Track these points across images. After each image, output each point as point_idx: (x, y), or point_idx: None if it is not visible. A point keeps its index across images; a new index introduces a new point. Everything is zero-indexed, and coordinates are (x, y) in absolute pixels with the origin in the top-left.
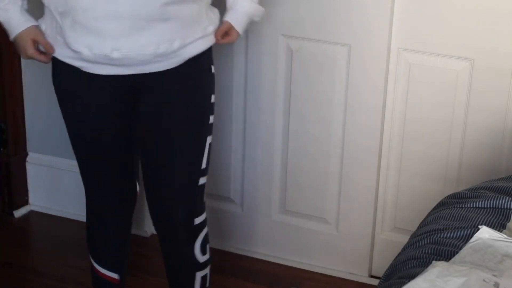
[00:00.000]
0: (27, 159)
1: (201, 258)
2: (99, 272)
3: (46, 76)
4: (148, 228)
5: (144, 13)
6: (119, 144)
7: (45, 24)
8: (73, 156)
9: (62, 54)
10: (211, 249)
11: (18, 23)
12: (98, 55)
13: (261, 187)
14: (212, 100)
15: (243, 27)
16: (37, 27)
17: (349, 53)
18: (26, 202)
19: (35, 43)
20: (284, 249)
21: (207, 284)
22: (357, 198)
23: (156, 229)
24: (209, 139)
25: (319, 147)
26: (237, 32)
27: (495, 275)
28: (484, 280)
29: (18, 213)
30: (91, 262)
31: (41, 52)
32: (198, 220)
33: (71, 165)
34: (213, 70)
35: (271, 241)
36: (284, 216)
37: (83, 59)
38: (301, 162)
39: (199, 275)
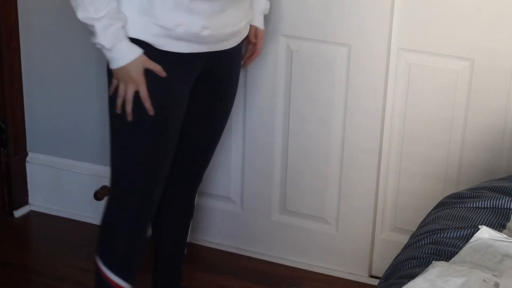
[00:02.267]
0: (27, 159)
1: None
2: (112, 281)
3: (46, 76)
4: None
5: None
6: (177, 123)
7: (128, 4)
8: (73, 156)
9: (149, 33)
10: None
11: (130, 52)
12: (188, 32)
13: (261, 187)
14: None
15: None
16: (145, 55)
17: (349, 53)
18: (26, 202)
19: (145, 71)
20: (284, 249)
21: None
22: (357, 198)
23: (177, 184)
24: None
25: (319, 147)
26: (263, 31)
27: (495, 275)
28: (484, 280)
29: (18, 213)
30: (100, 272)
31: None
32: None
33: (71, 165)
34: None
35: (271, 241)
36: (284, 216)
37: (169, 36)
38: (301, 162)
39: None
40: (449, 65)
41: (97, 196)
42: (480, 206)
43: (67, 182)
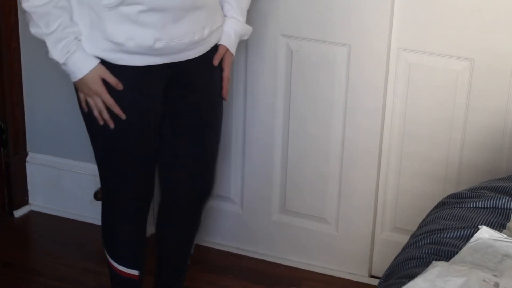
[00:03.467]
0: (27, 159)
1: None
2: (120, 271)
3: (46, 76)
4: (148, 228)
5: (187, 4)
6: (151, 132)
7: (79, 20)
8: (73, 156)
9: (100, 48)
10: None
11: (85, 64)
12: (140, 46)
13: (261, 187)
14: None
15: (235, 48)
16: (103, 66)
17: (349, 53)
18: (26, 202)
19: (103, 80)
20: (284, 249)
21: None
22: (357, 198)
23: (185, 200)
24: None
25: (319, 147)
26: (232, 54)
27: (495, 275)
28: (484, 280)
29: (18, 213)
30: (110, 265)
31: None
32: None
33: (71, 165)
34: None
35: (271, 241)
36: (284, 216)
37: (122, 51)
38: (301, 162)
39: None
40: (449, 65)
41: (97, 196)
42: (480, 206)
43: (67, 182)
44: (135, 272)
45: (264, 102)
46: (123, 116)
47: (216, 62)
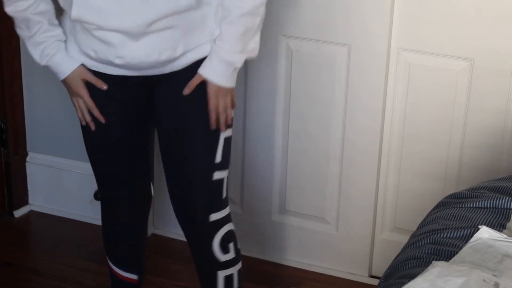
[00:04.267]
0: (27, 159)
1: (222, 257)
2: (118, 274)
3: (46, 76)
4: (149, 228)
5: (142, 26)
6: (131, 138)
7: (63, 22)
8: (73, 156)
9: (77, 52)
10: (238, 250)
11: (66, 65)
12: (103, 59)
13: (261, 187)
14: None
15: (225, 77)
16: (84, 67)
17: (349, 53)
18: (26, 202)
19: (84, 82)
20: (284, 249)
21: (235, 285)
22: (357, 198)
23: (180, 226)
24: (224, 134)
25: (319, 147)
26: (215, 86)
27: (495, 275)
28: (484, 280)
29: (18, 213)
30: (109, 265)
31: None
32: (215, 217)
33: (71, 165)
34: None
35: (271, 241)
36: (284, 216)
37: (93, 59)
38: (301, 162)
39: (221, 274)
40: (449, 65)
41: (97, 196)
42: (480, 206)
43: (67, 182)
44: (133, 276)
45: (264, 102)
46: (102, 120)
47: (186, 91)
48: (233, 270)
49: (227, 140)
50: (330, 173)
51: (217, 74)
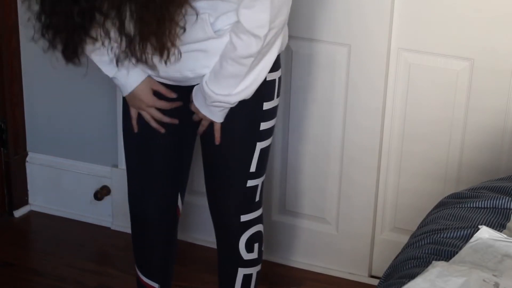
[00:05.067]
0: (27, 159)
1: (246, 255)
2: (140, 278)
3: (46, 76)
4: None
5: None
6: (169, 150)
7: None
8: (73, 156)
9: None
10: (261, 252)
11: (135, 76)
12: (141, 69)
13: None
14: (266, 107)
15: (204, 107)
16: (151, 77)
17: (349, 53)
18: (26, 202)
19: (153, 91)
20: (284, 249)
21: (252, 285)
22: (357, 198)
23: (212, 222)
24: (260, 145)
25: (319, 147)
26: (194, 105)
27: (495, 275)
28: (484, 280)
29: (18, 213)
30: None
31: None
32: (245, 218)
33: (71, 165)
34: (269, 77)
35: (271, 241)
36: (284, 216)
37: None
38: (301, 162)
39: (241, 272)
40: (449, 65)
41: (97, 196)
42: (480, 206)
43: (67, 182)
44: (154, 285)
45: None
46: (176, 122)
47: (191, 105)
48: (253, 270)
49: (263, 151)
50: (330, 173)
51: (198, 100)
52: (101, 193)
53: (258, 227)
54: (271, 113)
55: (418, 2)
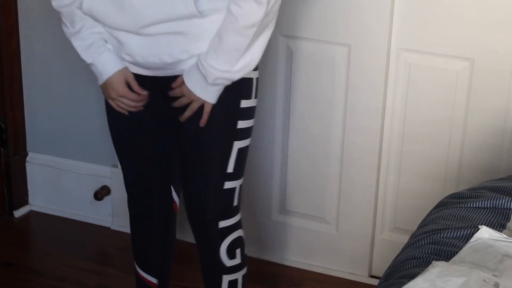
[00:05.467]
0: (27, 159)
1: (228, 262)
2: (138, 272)
3: (46, 76)
4: None
5: (141, 30)
6: (154, 144)
7: None
8: (73, 156)
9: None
10: (245, 255)
11: (112, 64)
12: (118, 55)
13: (261, 187)
14: (243, 105)
15: (198, 86)
16: (126, 68)
17: (349, 53)
18: (26, 202)
19: (126, 82)
20: (284, 249)
21: None
22: (357, 198)
23: (191, 229)
24: (238, 144)
25: (319, 147)
26: (186, 88)
27: (495, 275)
28: (484, 280)
29: (18, 213)
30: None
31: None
32: (223, 224)
33: (71, 165)
34: (246, 75)
35: (271, 241)
36: (284, 216)
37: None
38: (301, 162)
39: (226, 278)
40: (449, 65)
41: (97, 196)
42: (480, 206)
43: (67, 182)
44: (152, 280)
45: (265, 102)
46: (143, 92)
47: (173, 91)
48: (238, 275)
49: (241, 151)
50: (330, 173)
51: (193, 81)
52: (101, 193)
53: (238, 233)
54: (249, 113)
55: (418, 2)
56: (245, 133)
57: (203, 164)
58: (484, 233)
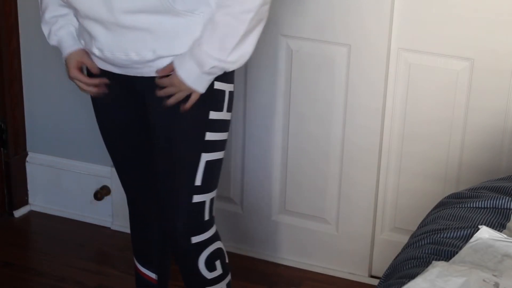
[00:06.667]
0: (27, 159)
1: (209, 275)
2: (137, 267)
3: (46, 76)
4: None
5: (112, 19)
6: (133, 145)
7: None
8: (73, 156)
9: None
10: (226, 264)
11: (67, 45)
12: (88, 50)
13: (261, 187)
14: (212, 116)
15: (191, 75)
16: (84, 51)
17: (349, 53)
18: (26, 202)
19: (80, 64)
20: (284, 249)
21: None
22: (357, 198)
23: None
24: (206, 156)
25: (319, 147)
26: (178, 78)
27: (495, 275)
28: (484, 280)
29: (18, 213)
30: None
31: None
32: (196, 239)
33: (71, 165)
34: (218, 86)
35: (271, 241)
36: (284, 216)
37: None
38: (301, 162)
39: None
40: (449, 65)
41: (97, 196)
42: (480, 206)
43: (67, 182)
44: (151, 275)
45: (264, 102)
46: (95, 70)
47: (160, 80)
48: (222, 285)
49: (211, 164)
50: (330, 173)
51: (184, 68)
52: (101, 193)
53: (216, 245)
54: (219, 125)
55: (418, 2)
56: (215, 146)
57: (170, 174)
58: (484, 233)
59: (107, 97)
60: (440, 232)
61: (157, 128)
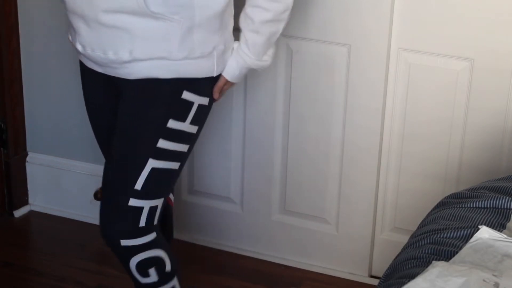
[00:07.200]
0: (27, 159)
1: (142, 280)
2: None
3: (46, 76)
4: None
5: (93, 15)
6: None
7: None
8: (73, 156)
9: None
10: (165, 273)
11: None
12: (73, 46)
13: (261, 187)
14: (171, 125)
15: (239, 78)
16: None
17: (349, 53)
18: (26, 202)
19: None
20: (284, 249)
21: None
22: (357, 198)
23: None
24: (153, 163)
25: (319, 147)
26: (224, 79)
27: (495, 275)
28: (484, 280)
29: (18, 213)
30: None
31: None
32: (126, 243)
33: (71, 165)
34: (186, 96)
35: (271, 241)
36: (284, 216)
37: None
38: (301, 162)
39: None
40: (449, 65)
41: (97, 196)
42: (480, 206)
43: (67, 182)
44: None
45: (264, 102)
46: None
47: (215, 95)
48: None
49: (157, 171)
50: (330, 173)
51: (234, 75)
52: (101, 193)
53: (152, 253)
54: (177, 135)
55: (418, 2)
56: (167, 155)
57: (115, 171)
58: (484, 233)
59: (94, 97)
60: (440, 232)
61: (118, 124)
